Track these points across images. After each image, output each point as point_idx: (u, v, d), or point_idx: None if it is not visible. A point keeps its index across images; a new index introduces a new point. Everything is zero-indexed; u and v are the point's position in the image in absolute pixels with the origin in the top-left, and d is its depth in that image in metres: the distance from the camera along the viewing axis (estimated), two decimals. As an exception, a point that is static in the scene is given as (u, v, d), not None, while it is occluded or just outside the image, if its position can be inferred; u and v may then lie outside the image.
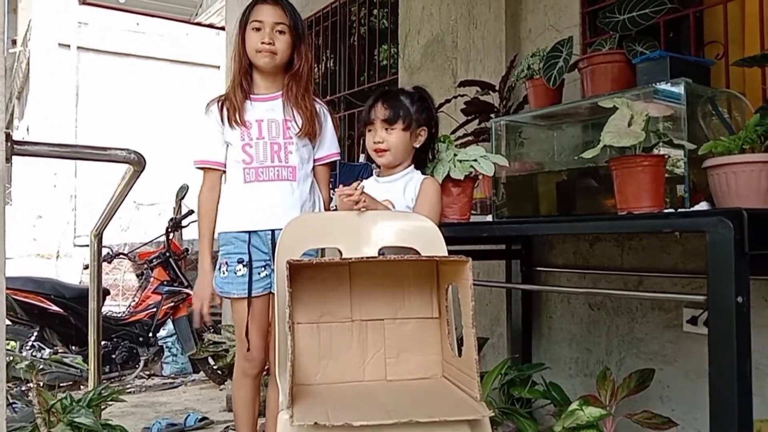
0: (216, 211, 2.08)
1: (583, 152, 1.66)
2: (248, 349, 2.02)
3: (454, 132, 2.57)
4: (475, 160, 1.97)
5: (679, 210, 1.58)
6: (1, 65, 1.33)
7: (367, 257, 1.59)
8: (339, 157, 2.21)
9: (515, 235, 2.51)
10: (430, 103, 1.97)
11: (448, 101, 2.63)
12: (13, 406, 3.18)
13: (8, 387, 1.22)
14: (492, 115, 2.48)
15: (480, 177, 2.12)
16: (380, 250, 1.68)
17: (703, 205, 1.57)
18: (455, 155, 1.98)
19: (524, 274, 2.56)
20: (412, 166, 1.95)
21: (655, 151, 1.64)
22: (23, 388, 3.26)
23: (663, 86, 1.76)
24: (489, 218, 2.24)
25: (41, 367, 3.55)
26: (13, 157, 1.80)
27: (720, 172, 1.50)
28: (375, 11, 4.19)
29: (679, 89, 1.70)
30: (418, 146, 1.93)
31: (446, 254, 1.62)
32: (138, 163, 2.05)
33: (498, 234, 2.42)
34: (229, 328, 3.69)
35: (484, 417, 1.33)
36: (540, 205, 2.28)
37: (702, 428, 2.04)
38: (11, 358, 3.09)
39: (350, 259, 1.55)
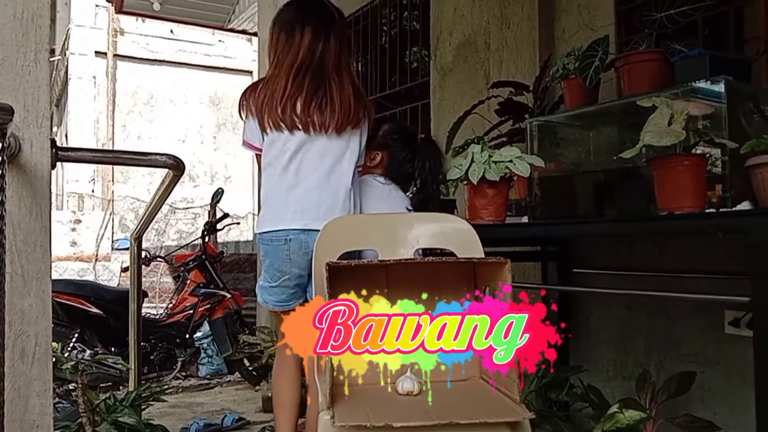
0: None
1: (620, 152, 1.64)
2: None
3: (487, 133, 2.56)
4: (511, 161, 1.97)
5: (721, 210, 1.55)
6: (46, 75, 1.38)
7: (405, 259, 1.59)
8: None
9: (553, 237, 2.49)
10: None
11: (481, 102, 2.62)
12: (56, 406, 3.26)
13: (53, 386, 1.26)
14: (526, 116, 2.47)
15: (515, 178, 2.12)
16: (416, 251, 1.69)
17: (745, 205, 1.54)
18: (490, 156, 1.98)
19: (561, 275, 2.54)
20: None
21: (695, 151, 1.61)
22: (66, 388, 3.34)
23: (703, 84, 1.74)
24: (524, 219, 2.23)
25: (83, 368, 3.64)
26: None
27: (763, 170, 1.47)
28: (405, 14, 4.20)
29: (720, 87, 1.68)
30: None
31: (483, 255, 1.62)
32: (177, 168, 2.07)
33: (538, 235, 2.41)
34: (264, 330, 3.72)
35: (525, 419, 1.33)
36: (577, 205, 2.26)
37: (746, 432, 2.00)
38: (55, 359, 3.17)
39: (388, 260, 1.56)
